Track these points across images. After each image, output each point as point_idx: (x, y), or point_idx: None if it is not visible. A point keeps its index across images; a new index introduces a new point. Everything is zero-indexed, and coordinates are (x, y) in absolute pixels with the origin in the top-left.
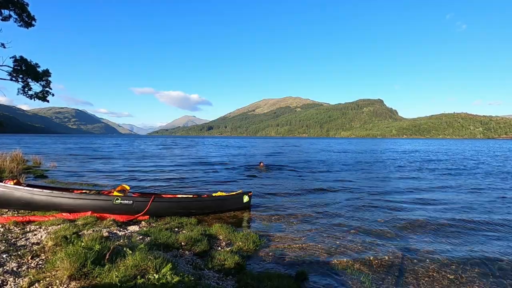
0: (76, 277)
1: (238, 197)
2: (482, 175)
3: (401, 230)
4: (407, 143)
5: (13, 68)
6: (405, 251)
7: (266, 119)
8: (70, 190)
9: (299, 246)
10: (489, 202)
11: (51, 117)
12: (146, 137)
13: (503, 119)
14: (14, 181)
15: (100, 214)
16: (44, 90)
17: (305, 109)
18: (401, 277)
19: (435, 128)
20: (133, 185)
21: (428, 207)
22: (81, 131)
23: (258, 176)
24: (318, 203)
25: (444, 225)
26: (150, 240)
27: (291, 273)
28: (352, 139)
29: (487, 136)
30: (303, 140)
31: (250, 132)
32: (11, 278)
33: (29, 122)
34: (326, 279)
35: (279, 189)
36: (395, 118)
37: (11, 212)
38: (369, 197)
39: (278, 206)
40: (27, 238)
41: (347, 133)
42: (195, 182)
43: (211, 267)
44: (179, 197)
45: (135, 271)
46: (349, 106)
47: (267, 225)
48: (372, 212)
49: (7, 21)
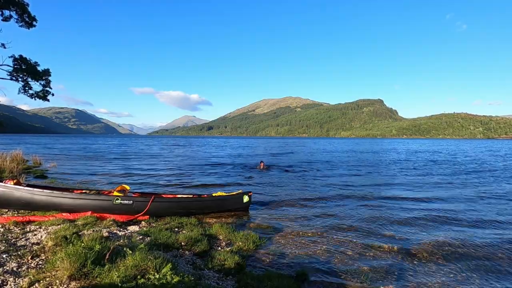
0: (76, 277)
1: (238, 197)
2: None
3: (401, 229)
4: (408, 142)
5: (13, 67)
6: (405, 251)
7: (266, 119)
8: (70, 190)
9: (299, 246)
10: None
11: (51, 117)
12: (146, 137)
13: (503, 119)
14: (14, 181)
15: (100, 214)
16: (44, 90)
17: (305, 109)
18: (401, 276)
19: (435, 128)
20: (133, 185)
21: (425, 204)
22: (81, 131)
23: (258, 176)
24: (318, 203)
25: (436, 220)
26: (150, 240)
27: (291, 273)
28: (352, 139)
29: (487, 136)
30: (304, 140)
31: (250, 132)
32: (11, 278)
33: (29, 122)
34: (326, 279)
35: (279, 189)
36: (395, 118)
37: (11, 212)
38: (369, 198)
39: (278, 206)
40: (27, 238)
41: (347, 133)
42: (195, 182)
43: (211, 267)
44: (179, 197)
45: (135, 271)
46: (349, 106)
47: (267, 225)
48: (372, 213)
49: (8, 22)
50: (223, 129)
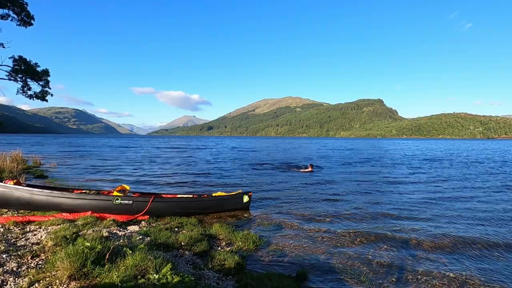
0: (76, 277)
1: (238, 197)
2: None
3: (401, 230)
4: (408, 142)
5: (13, 68)
6: (405, 250)
7: (266, 119)
8: (70, 190)
9: (299, 246)
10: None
11: (51, 117)
12: (146, 137)
13: (503, 119)
14: (14, 181)
15: (100, 214)
16: (43, 90)
17: (305, 109)
18: (401, 276)
19: (435, 128)
20: (133, 185)
21: (425, 205)
22: (81, 131)
23: (258, 176)
24: (319, 204)
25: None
26: (150, 240)
27: (291, 273)
28: (352, 139)
29: (487, 136)
30: (304, 140)
31: (250, 132)
32: (11, 278)
33: (29, 122)
34: (326, 279)
35: (279, 189)
36: (395, 118)
37: (11, 212)
38: (370, 198)
39: (278, 206)
40: (27, 238)
41: (347, 133)
42: (196, 182)
43: (211, 267)
44: (179, 197)
45: (135, 271)
46: (349, 106)
47: (267, 225)
48: (372, 213)
49: (5, 20)
50: (223, 129)
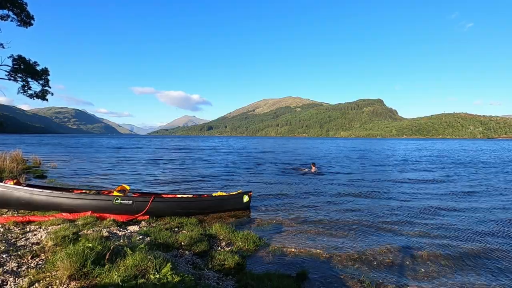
0: (76, 277)
1: (238, 197)
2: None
3: (401, 230)
4: (410, 143)
5: (12, 67)
6: (405, 251)
7: (266, 119)
8: (70, 190)
9: (299, 246)
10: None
11: (51, 117)
12: (146, 137)
13: (503, 119)
14: (14, 181)
15: (100, 214)
16: (44, 89)
17: (305, 109)
18: (401, 277)
19: (435, 128)
20: (133, 185)
21: (425, 199)
22: (81, 131)
23: (258, 176)
24: (319, 204)
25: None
26: (150, 240)
27: (291, 273)
28: (353, 139)
29: (487, 136)
30: (304, 140)
31: (250, 132)
32: (11, 278)
33: (29, 122)
34: (326, 279)
35: (279, 189)
36: (395, 118)
37: (11, 212)
38: (370, 198)
39: (278, 206)
40: (27, 238)
41: (347, 133)
42: (196, 182)
43: (211, 267)
44: (179, 197)
45: (135, 271)
46: (349, 106)
47: (267, 225)
48: (372, 213)
49: (5, 20)
50: (223, 129)
